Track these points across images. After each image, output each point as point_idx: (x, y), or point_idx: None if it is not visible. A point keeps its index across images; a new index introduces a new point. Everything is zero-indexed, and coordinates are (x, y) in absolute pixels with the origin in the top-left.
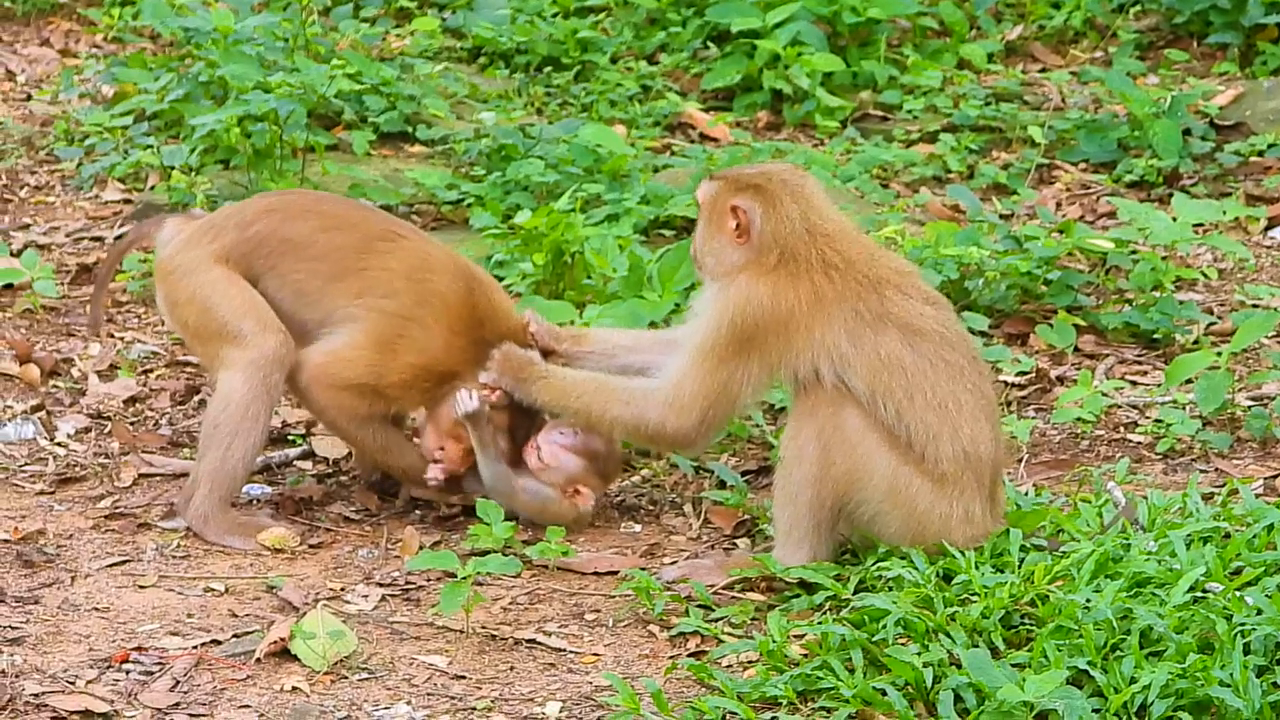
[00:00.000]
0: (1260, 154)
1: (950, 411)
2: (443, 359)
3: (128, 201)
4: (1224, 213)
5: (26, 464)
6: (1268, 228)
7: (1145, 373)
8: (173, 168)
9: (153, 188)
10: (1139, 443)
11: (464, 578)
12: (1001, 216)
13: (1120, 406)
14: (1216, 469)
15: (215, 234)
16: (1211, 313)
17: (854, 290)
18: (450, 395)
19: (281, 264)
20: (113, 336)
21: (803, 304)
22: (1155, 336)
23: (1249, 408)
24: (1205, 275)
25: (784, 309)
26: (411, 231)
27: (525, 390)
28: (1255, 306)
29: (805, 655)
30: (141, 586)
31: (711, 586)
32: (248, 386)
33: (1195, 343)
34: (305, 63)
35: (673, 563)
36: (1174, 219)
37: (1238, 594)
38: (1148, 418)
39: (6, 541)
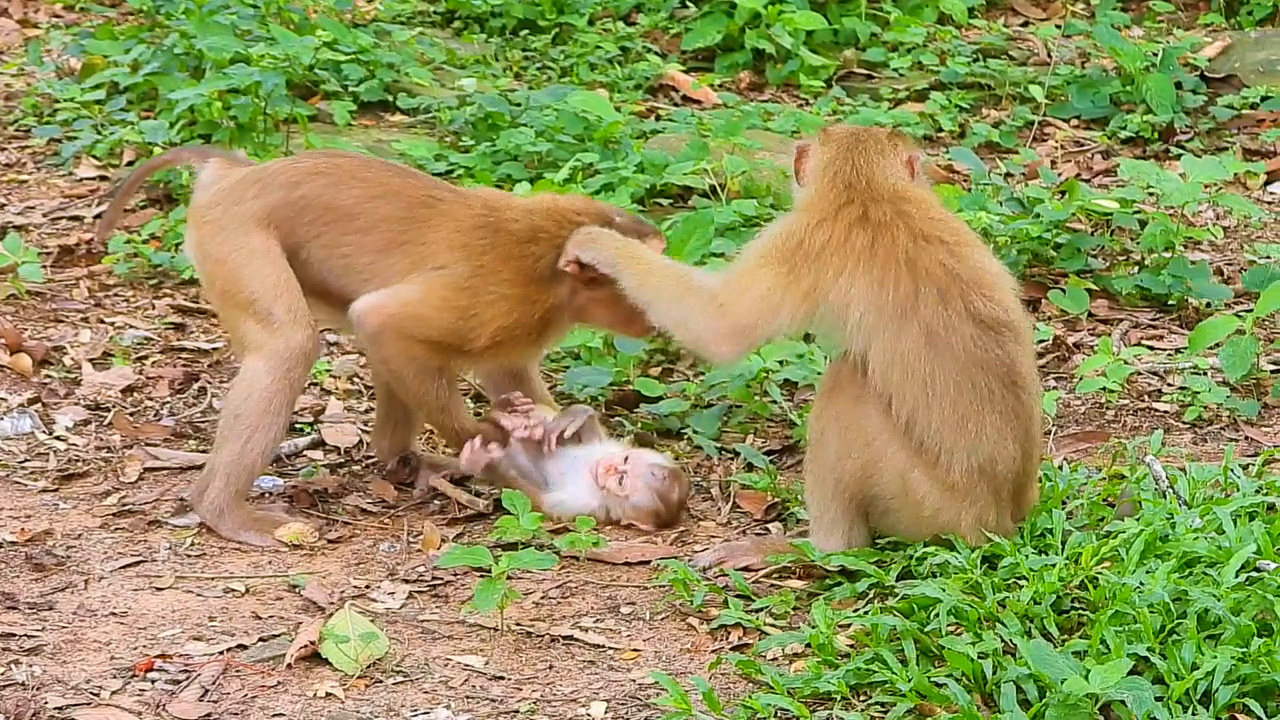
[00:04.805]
0: (1253, 106)
1: (970, 430)
2: (526, 309)
3: (104, 178)
4: (1224, 168)
5: (27, 460)
6: (1267, 183)
7: (1161, 337)
8: (153, 144)
9: (130, 163)
10: (1165, 412)
11: (498, 575)
12: (1002, 177)
13: (1141, 374)
14: (1246, 437)
15: (260, 189)
16: (1221, 273)
17: (893, 268)
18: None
19: (328, 233)
20: (103, 323)
21: (847, 249)
22: (1169, 300)
23: (1274, 373)
24: (1213, 234)
25: (819, 240)
26: (446, 193)
27: (599, 254)
28: (1265, 263)
29: (853, 646)
30: (158, 588)
31: (750, 571)
32: (271, 378)
33: (1209, 305)
34: (279, 31)
35: (704, 549)
36: (1181, 175)
37: None
38: (1171, 385)
39: (13, 543)
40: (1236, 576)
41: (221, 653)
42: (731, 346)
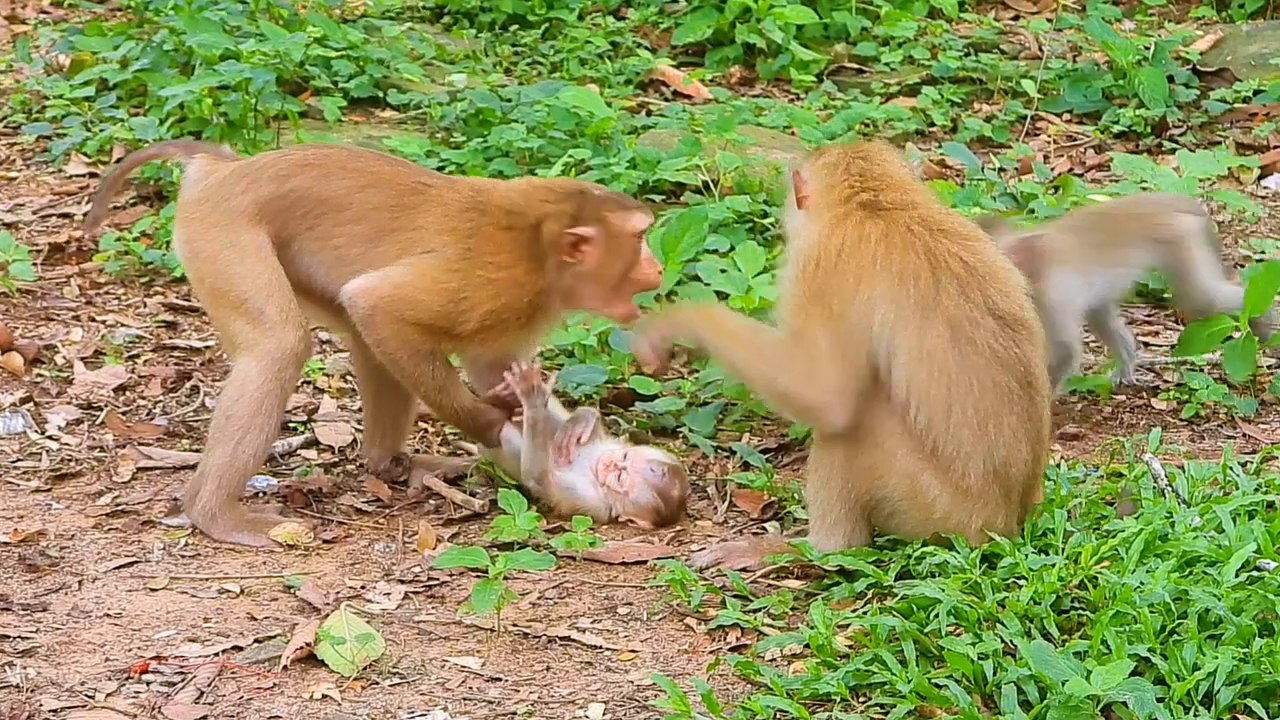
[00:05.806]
0: (1246, 100)
1: (989, 433)
2: (514, 293)
3: (94, 175)
4: (1218, 162)
5: (19, 459)
6: (1261, 177)
7: (1157, 333)
8: (143, 141)
9: (119, 160)
10: (1162, 409)
11: (494, 575)
12: (995, 172)
13: (1137, 370)
14: (1244, 434)
15: (249, 184)
16: None
17: (912, 258)
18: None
19: (320, 225)
20: (95, 321)
21: (863, 248)
22: (1164, 295)
23: (1271, 370)
24: None
25: (834, 246)
26: (435, 180)
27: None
28: (1260, 260)
29: (852, 647)
30: (152, 589)
31: (747, 572)
32: (263, 378)
33: None
34: (269, 27)
35: (701, 549)
36: (1175, 170)
37: None
38: (1167, 382)
39: (6, 544)
40: (1237, 576)
41: (217, 654)
42: (841, 413)
